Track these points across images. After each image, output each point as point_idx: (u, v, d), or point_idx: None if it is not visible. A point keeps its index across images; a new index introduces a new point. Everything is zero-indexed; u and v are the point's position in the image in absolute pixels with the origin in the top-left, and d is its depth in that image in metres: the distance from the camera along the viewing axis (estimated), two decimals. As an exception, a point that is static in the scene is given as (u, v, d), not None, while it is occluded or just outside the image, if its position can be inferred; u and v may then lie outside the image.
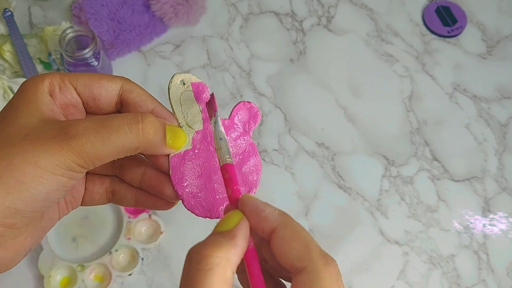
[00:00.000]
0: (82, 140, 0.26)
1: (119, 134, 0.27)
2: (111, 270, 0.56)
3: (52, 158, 0.25)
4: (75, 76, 0.29)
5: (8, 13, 0.67)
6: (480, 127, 0.68)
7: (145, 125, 0.27)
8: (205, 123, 0.32)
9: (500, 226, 0.63)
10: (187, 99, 0.32)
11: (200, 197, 0.31)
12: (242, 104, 0.33)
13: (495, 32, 0.75)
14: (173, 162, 0.31)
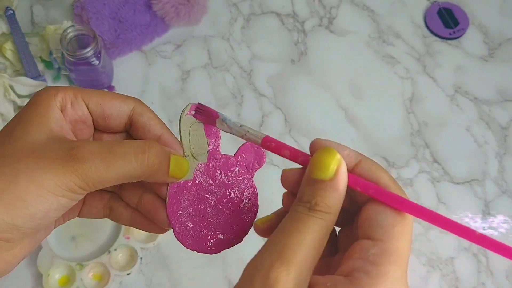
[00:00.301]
0: (87, 164, 0.26)
1: (124, 162, 0.27)
2: (109, 269, 0.56)
3: (55, 179, 0.25)
4: (88, 93, 0.30)
5: (10, 11, 0.67)
6: (481, 130, 0.68)
7: (151, 155, 0.28)
8: (210, 157, 0.32)
9: (500, 229, 0.63)
10: (197, 130, 0.32)
11: (191, 229, 0.31)
12: (249, 145, 0.33)
13: (497, 35, 0.75)
14: (171, 190, 0.31)
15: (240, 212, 0.32)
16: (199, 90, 0.68)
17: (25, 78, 0.62)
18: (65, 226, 0.58)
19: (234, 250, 0.60)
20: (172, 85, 0.69)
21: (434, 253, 0.61)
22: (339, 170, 0.25)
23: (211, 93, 0.68)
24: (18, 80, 0.61)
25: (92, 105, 0.30)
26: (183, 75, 0.70)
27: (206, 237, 0.31)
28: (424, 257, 0.61)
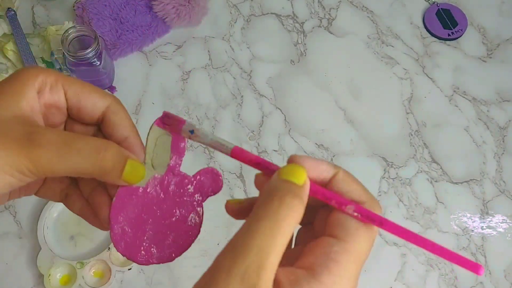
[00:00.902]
0: (41, 151, 0.26)
1: (78, 158, 0.27)
2: (110, 266, 0.57)
3: (8, 158, 0.26)
4: (68, 80, 0.30)
5: (11, 12, 0.68)
6: (479, 130, 0.69)
7: (106, 155, 0.28)
8: (168, 172, 0.32)
9: (498, 228, 0.63)
10: (163, 142, 0.32)
11: (128, 235, 0.31)
12: (210, 170, 0.33)
13: (495, 35, 0.75)
14: (120, 192, 0.31)
15: (180, 232, 0.32)
16: (200, 91, 0.69)
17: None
18: (63, 226, 0.59)
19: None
20: (173, 86, 0.69)
21: (433, 253, 0.61)
22: (306, 183, 0.27)
23: (211, 93, 0.69)
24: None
25: (70, 93, 0.30)
26: (183, 75, 0.70)
27: (139, 246, 0.31)
28: (423, 256, 0.61)
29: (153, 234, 0.31)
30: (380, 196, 0.64)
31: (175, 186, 0.32)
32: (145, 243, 0.31)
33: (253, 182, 0.30)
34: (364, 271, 0.60)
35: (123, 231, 0.31)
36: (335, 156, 0.66)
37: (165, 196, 0.32)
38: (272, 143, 0.66)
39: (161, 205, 0.32)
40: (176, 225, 0.32)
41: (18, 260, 0.58)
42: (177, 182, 0.32)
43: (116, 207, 0.31)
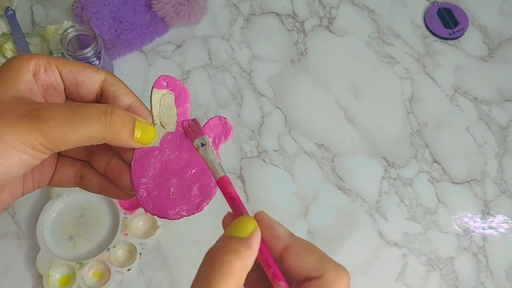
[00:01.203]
0: (50, 123, 0.26)
1: (87, 123, 0.27)
2: (109, 266, 0.57)
3: (18, 135, 0.26)
4: (61, 61, 0.30)
5: (10, 11, 0.68)
6: (480, 130, 0.68)
7: (113, 117, 0.28)
8: (178, 127, 0.33)
9: (500, 229, 0.63)
10: (167, 100, 0.33)
11: (153, 194, 0.32)
12: (217, 119, 0.34)
13: (496, 35, 0.75)
14: (136, 155, 0.32)
15: (202, 182, 0.33)
16: (199, 90, 0.68)
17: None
18: (61, 226, 0.59)
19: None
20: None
21: (434, 253, 0.61)
22: (253, 233, 0.26)
23: (211, 93, 0.68)
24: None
25: (65, 72, 0.30)
26: (183, 75, 0.70)
27: (167, 203, 0.32)
28: (424, 257, 0.61)
29: (178, 189, 0.33)
30: (381, 196, 0.64)
31: (187, 138, 0.33)
32: (172, 199, 0.32)
33: (253, 182, 0.30)
34: (365, 271, 0.60)
35: (148, 192, 0.32)
36: (335, 156, 0.65)
37: (181, 150, 0.33)
38: (272, 143, 0.66)
39: (179, 160, 0.33)
40: (197, 176, 0.33)
41: (17, 260, 0.58)
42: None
43: (136, 170, 0.32)
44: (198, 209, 0.33)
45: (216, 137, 0.34)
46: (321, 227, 0.62)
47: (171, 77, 0.34)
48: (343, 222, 0.62)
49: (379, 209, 0.63)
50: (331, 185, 0.64)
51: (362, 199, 0.63)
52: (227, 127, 0.34)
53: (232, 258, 0.24)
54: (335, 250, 0.60)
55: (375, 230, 0.62)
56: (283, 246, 0.26)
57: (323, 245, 0.61)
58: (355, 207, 0.63)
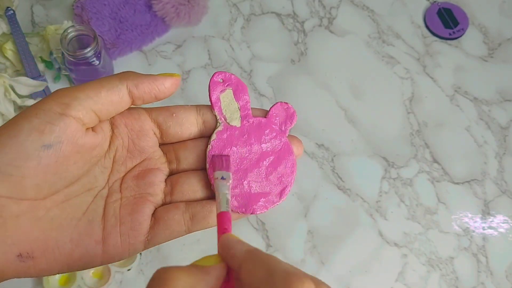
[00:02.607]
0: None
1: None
2: (109, 266, 0.57)
3: None
4: None
5: (10, 11, 0.68)
6: (480, 130, 0.68)
7: None
8: (243, 121, 0.33)
9: (500, 229, 0.63)
10: (227, 96, 0.34)
11: (235, 193, 0.32)
12: (279, 105, 0.34)
13: (496, 35, 0.75)
14: (210, 158, 0.32)
15: (280, 170, 0.33)
16: (200, 90, 0.68)
17: (26, 78, 0.62)
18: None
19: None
20: (172, 85, 0.69)
21: (434, 253, 0.61)
22: (214, 265, 0.26)
23: (211, 93, 0.68)
24: (19, 80, 0.61)
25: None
26: (183, 75, 0.70)
27: (250, 198, 0.32)
28: (424, 257, 0.61)
29: (257, 182, 0.33)
30: (381, 196, 0.64)
31: (255, 132, 0.33)
32: (254, 193, 0.33)
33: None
34: (365, 271, 0.60)
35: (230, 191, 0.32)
36: (335, 156, 0.65)
37: (251, 144, 0.33)
38: (272, 143, 0.66)
39: (251, 153, 0.33)
40: (273, 165, 0.33)
41: (17, 260, 0.58)
42: (256, 128, 0.33)
43: (213, 172, 0.32)
44: (281, 197, 0.33)
45: (282, 123, 0.34)
46: (321, 227, 0.62)
47: (225, 72, 0.34)
48: (343, 222, 0.62)
49: (379, 209, 0.63)
50: (331, 185, 0.64)
51: (362, 199, 0.63)
52: (290, 112, 0.34)
53: (178, 275, 0.23)
54: (335, 250, 0.60)
55: (375, 230, 0.62)
56: (238, 265, 0.25)
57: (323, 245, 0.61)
58: (355, 207, 0.63)
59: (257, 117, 0.34)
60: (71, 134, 0.27)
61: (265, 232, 0.60)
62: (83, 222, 0.29)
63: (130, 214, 0.30)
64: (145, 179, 0.31)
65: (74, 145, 0.27)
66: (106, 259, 0.29)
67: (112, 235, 0.29)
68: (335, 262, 0.59)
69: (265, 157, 0.33)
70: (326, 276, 0.59)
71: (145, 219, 0.30)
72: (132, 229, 0.29)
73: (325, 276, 0.59)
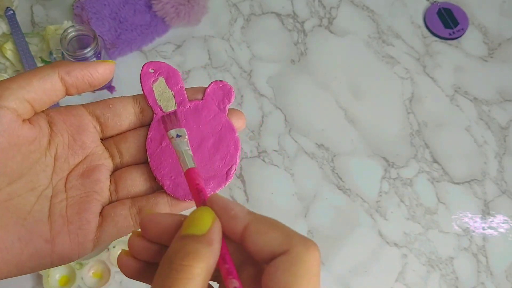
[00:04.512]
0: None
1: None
2: (109, 267, 0.57)
3: None
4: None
5: (10, 11, 0.68)
6: (480, 130, 0.68)
7: None
8: (179, 107, 0.33)
9: (500, 229, 0.63)
10: (159, 85, 0.33)
11: (180, 180, 0.32)
12: (214, 84, 0.34)
13: (496, 35, 0.75)
14: (150, 149, 0.32)
15: (223, 150, 0.33)
16: (199, 90, 0.68)
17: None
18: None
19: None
20: (172, 85, 0.69)
21: (434, 253, 0.61)
22: (212, 227, 0.24)
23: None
24: (19, 80, 0.61)
25: None
26: (183, 75, 0.70)
27: None
28: (424, 257, 0.61)
29: (201, 166, 0.32)
30: (381, 196, 0.64)
31: (193, 116, 0.33)
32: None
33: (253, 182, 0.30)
34: (365, 272, 0.60)
35: (174, 181, 0.32)
36: (335, 156, 0.65)
37: (190, 128, 0.33)
38: (272, 143, 0.66)
39: (191, 138, 0.32)
40: (215, 147, 0.33)
41: (17, 261, 0.58)
42: (193, 112, 0.33)
43: (154, 165, 0.31)
44: (228, 178, 0.32)
45: (219, 102, 0.34)
46: (321, 227, 0.62)
47: (155, 62, 0.34)
48: (343, 222, 0.62)
49: (379, 209, 0.63)
50: (331, 185, 0.64)
51: (362, 199, 0.63)
52: (226, 89, 0.34)
53: (192, 262, 0.22)
54: (335, 250, 0.60)
55: (375, 230, 0.62)
56: (242, 226, 0.24)
57: (323, 245, 0.61)
58: (355, 207, 0.63)
59: (194, 101, 0.33)
60: (6, 125, 0.27)
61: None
62: (29, 222, 0.28)
63: (77, 214, 0.29)
64: (90, 177, 0.31)
65: (10, 136, 0.27)
66: (56, 260, 0.29)
67: (61, 234, 0.29)
68: (335, 262, 0.59)
69: (206, 139, 0.33)
70: (326, 276, 0.59)
71: (93, 218, 0.30)
72: (80, 228, 0.29)
73: (325, 276, 0.59)
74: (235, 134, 0.33)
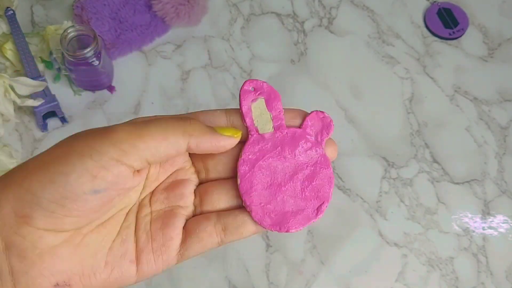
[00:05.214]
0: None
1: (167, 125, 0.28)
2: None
3: None
4: None
5: (10, 11, 0.67)
6: (480, 130, 0.68)
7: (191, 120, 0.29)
8: (276, 132, 0.31)
9: (500, 229, 0.63)
10: (258, 106, 0.32)
11: (269, 209, 0.30)
12: (315, 114, 0.33)
13: (496, 35, 0.75)
14: (241, 171, 0.31)
15: (315, 184, 0.31)
16: (199, 91, 0.68)
17: (25, 78, 0.62)
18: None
19: (234, 251, 0.60)
20: (172, 86, 0.69)
21: (434, 253, 0.61)
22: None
23: (211, 93, 0.68)
24: (18, 80, 0.61)
25: None
26: (183, 75, 0.70)
27: (285, 215, 0.31)
28: (424, 257, 0.61)
29: (292, 198, 0.31)
30: (381, 196, 0.64)
31: (290, 143, 0.32)
32: (288, 210, 0.31)
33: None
34: (365, 272, 0.60)
35: (262, 208, 0.30)
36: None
37: (285, 156, 0.31)
38: (272, 143, 0.66)
39: (285, 167, 0.31)
40: (309, 179, 0.31)
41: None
42: (290, 139, 0.32)
43: (244, 188, 0.30)
44: (318, 214, 0.31)
45: (317, 134, 0.32)
46: (321, 227, 0.61)
47: (257, 80, 0.32)
48: (343, 222, 0.62)
49: (379, 209, 0.63)
50: (331, 185, 0.64)
51: (362, 199, 0.63)
52: (327, 121, 0.33)
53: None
54: (335, 250, 0.60)
55: (375, 230, 0.62)
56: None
57: (323, 245, 0.61)
58: (355, 207, 0.63)
59: (291, 128, 0.32)
60: (121, 181, 0.26)
61: (265, 232, 0.60)
62: (116, 243, 0.28)
63: (161, 229, 0.29)
64: (175, 191, 0.30)
65: (121, 189, 0.27)
66: (140, 277, 0.29)
67: (145, 253, 0.29)
68: (335, 262, 0.59)
69: (300, 170, 0.31)
70: (326, 276, 0.59)
71: (176, 234, 0.29)
72: (164, 245, 0.29)
73: (325, 276, 0.59)
74: (330, 169, 0.32)
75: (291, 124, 0.32)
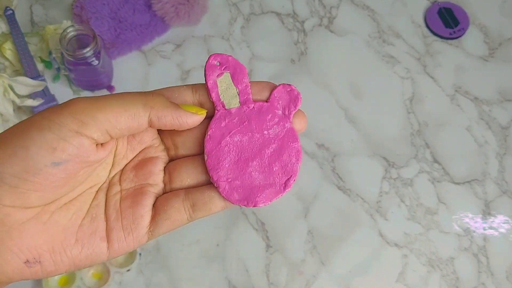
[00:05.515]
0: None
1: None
2: (109, 267, 0.56)
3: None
4: None
5: (9, 11, 0.67)
6: (481, 130, 0.68)
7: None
8: (243, 106, 0.31)
9: (500, 229, 0.63)
10: (224, 81, 0.31)
11: (236, 184, 0.30)
12: (282, 87, 0.32)
13: (497, 35, 0.75)
14: (208, 147, 0.30)
15: (283, 158, 0.31)
16: (199, 90, 0.68)
17: (25, 78, 0.62)
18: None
19: (234, 251, 0.59)
20: (172, 85, 0.68)
21: (434, 253, 0.61)
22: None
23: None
24: (18, 80, 0.61)
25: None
26: (182, 75, 0.69)
27: (253, 190, 0.31)
28: (424, 257, 0.61)
29: (259, 173, 0.31)
30: (382, 196, 0.63)
31: (256, 118, 0.31)
32: (256, 185, 0.31)
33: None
34: (365, 272, 0.59)
35: (230, 184, 0.30)
36: (336, 156, 0.65)
37: (252, 131, 0.31)
38: (272, 143, 0.66)
39: (252, 141, 0.31)
40: (276, 153, 0.31)
41: (16, 261, 0.58)
42: (256, 114, 0.31)
43: (211, 164, 0.30)
44: (286, 188, 0.31)
45: (285, 107, 0.32)
46: (321, 228, 0.61)
47: (222, 54, 0.32)
48: (343, 222, 0.62)
49: (380, 209, 0.63)
50: (331, 185, 0.64)
51: (362, 199, 0.63)
52: (294, 94, 0.32)
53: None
54: (335, 250, 0.60)
55: (375, 231, 0.62)
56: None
57: (323, 245, 0.61)
58: (355, 207, 0.63)
59: (258, 102, 0.31)
60: (82, 153, 0.26)
61: (265, 233, 0.60)
62: (86, 221, 0.29)
63: (130, 207, 0.29)
64: (144, 169, 0.31)
65: (84, 162, 0.27)
66: (112, 254, 0.29)
67: (115, 231, 0.29)
68: (335, 262, 0.59)
69: (267, 145, 0.31)
70: (326, 276, 0.59)
71: (146, 212, 0.30)
72: (134, 223, 0.29)
73: (325, 276, 0.59)
74: (297, 143, 0.32)
75: (259, 97, 0.32)
